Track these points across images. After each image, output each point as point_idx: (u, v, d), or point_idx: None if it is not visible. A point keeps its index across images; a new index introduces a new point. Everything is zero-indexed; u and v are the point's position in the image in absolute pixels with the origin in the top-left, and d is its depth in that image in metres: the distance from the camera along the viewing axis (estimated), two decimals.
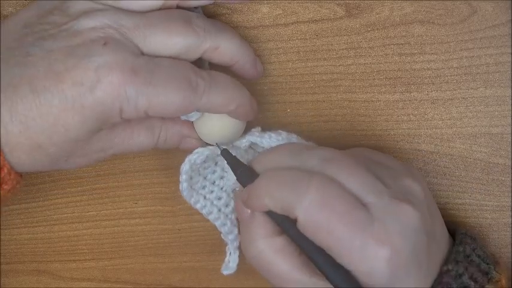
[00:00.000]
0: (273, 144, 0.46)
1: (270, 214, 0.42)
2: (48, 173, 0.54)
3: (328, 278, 0.40)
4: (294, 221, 0.40)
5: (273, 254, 0.42)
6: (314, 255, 0.40)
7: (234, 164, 0.44)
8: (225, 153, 0.45)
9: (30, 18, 0.42)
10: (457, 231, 0.46)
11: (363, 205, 0.39)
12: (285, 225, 0.41)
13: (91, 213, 0.55)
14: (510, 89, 0.46)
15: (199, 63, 0.44)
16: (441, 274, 0.42)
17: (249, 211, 0.43)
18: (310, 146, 0.43)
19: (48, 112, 0.39)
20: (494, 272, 0.44)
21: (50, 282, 0.57)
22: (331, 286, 0.40)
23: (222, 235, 0.49)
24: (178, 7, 0.44)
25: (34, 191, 0.54)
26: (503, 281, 0.44)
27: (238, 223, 0.50)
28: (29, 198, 0.55)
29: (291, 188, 0.40)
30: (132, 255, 0.56)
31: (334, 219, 0.39)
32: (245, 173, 0.43)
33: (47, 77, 0.39)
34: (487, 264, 0.44)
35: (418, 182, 0.43)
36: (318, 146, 0.43)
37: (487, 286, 0.43)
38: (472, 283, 0.42)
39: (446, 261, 0.43)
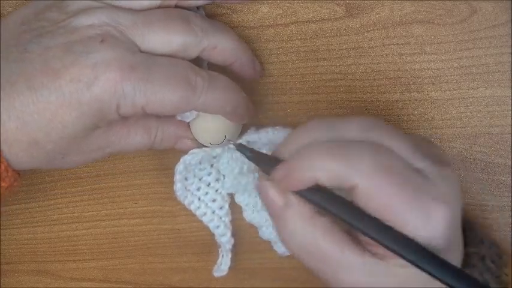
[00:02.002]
0: (272, 138, 0.45)
1: (308, 195, 0.38)
2: (48, 173, 0.54)
3: (389, 248, 0.37)
4: (339, 197, 0.38)
5: (321, 236, 0.38)
6: (370, 226, 0.37)
7: (254, 155, 0.42)
8: (241, 147, 0.43)
9: (28, 15, 0.42)
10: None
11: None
12: (331, 201, 0.38)
13: (91, 213, 0.55)
14: (510, 89, 0.46)
15: (197, 63, 0.44)
16: (468, 255, 0.41)
17: (282, 201, 0.39)
18: (338, 118, 0.40)
19: (45, 108, 0.39)
20: (504, 256, 0.44)
21: (50, 282, 0.57)
22: (385, 262, 0.38)
23: (215, 237, 0.49)
24: (177, 6, 0.44)
25: (34, 191, 0.54)
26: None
27: (232, 226, 0.50)
28: (29, 198, 0.55)
29: (342, 156, 0.37)
30: (132, 255, 0.56)
31: (396, 184, 0.37)
32: (268, 162, 0.40)
33: (44, 73, 0.39)
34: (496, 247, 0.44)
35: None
36: (347, 117, 0.40)
37: (503, 269, 0.43)
38: (493, 265, 0.42)
39: (465, 245, 0.42)
